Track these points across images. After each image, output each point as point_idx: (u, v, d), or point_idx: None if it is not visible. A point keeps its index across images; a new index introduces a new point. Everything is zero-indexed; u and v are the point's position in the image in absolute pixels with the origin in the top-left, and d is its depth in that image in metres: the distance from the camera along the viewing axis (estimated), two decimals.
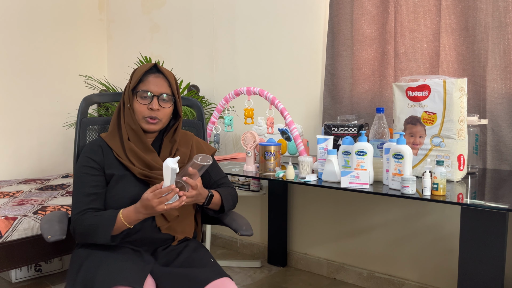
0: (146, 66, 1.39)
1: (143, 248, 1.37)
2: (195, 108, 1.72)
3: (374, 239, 2.37)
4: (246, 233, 1.43)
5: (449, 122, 1.60)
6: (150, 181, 1.36)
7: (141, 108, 1.36)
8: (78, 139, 1.54)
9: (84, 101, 1.57)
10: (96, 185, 1.34)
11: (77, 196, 1.33)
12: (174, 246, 1.41)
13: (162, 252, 1.38)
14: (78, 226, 1.30)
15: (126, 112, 1.39)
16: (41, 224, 1.38)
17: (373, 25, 2.24)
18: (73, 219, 1.32)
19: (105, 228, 1.25)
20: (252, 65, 2.82)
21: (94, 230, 1.26)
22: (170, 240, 1.41)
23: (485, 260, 1.26)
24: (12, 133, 3.23)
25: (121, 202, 1.33)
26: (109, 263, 1.24)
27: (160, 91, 1.37)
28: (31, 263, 2.04)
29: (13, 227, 1.94)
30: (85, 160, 1.37)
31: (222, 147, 2.98)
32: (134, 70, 1.41)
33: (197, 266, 1.31)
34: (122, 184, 1.35)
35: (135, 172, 1.35)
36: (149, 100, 1.36)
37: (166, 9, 3.29)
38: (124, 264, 1.24)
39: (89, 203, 1.32)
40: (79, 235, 1.31)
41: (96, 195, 1.33)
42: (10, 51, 3.19)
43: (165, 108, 1.38)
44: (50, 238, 1.28)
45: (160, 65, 1.41)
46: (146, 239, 1.36)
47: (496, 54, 1.91)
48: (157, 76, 1.39)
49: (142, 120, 1.37)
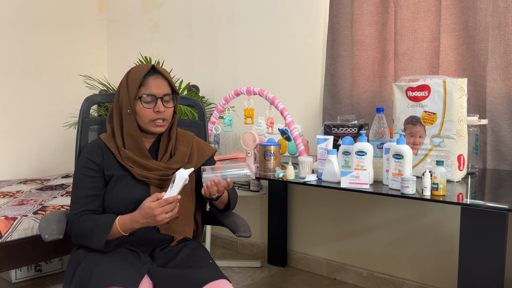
0: (144, 69, 1.36)
1: (140, 249, 1.36)
2: (197, 107, 1.71)
3: (374, 239, 2.37)
4: (244, 235, 1.43)
5: (449, 122, 1.60)
6: (149, 181, 1.36)
7: (146, 112, 1.35)
8: (80, 139, 1.54)
9: (86, 101, 1.57)
10: (94, 186, 1.34)
11: (75, 197, 1.34)
12: (172, 247, 1.39)
13: (160, 252, 1.37)
14: (75, 228, 1.30)
15: (126, 118, 1.36)
16: (39, 223, 1.38)
17: (373, 25, 2.24)
18: (70, 220, 1.33)
19: (100, 234, 1.25)
20: (252, 65, 2.82)
21: (89, 234, 1.27)
22: (169, 240, 1.40)
23: (485, 260, 1.26)
24: (12, 133, 3.23)
25: (120, 202, 1.33)
26: (105, 263, 1.23)
27: (163, 92, 1.36)
28: (31, 263, 2.04)
29: (13, 227, 1.94)
30: (84, 161, 1.37)
31: (222, 147, 2.98)
32: (129, 73, 1.38)
33: (194, 267, 1.29)
34: (121, 184, 1.35)
35: (134, 173, 1.35)
36: (153, 103, 1.35)
37: (166, 9, 3.29)
38: (120, 265, 1.23)
39: (86, 204, 1.32)
40: (74, 237, 1.32)
41: (94, 197, 1.33)
42: (10, 51, 3.19)
43: (169, 108, 1.38)
44: (47, 237, 1.28)
45: (156, 65, 1.40)
46: (144, 239, 1.36)
47: (496, 54, 1.91)
48: (157, 78, 1.37)
49: (149, 123, 1.36)
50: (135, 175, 1.35)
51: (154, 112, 1.35)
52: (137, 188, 1.35)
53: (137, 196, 1.33)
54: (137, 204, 1.28)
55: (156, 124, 1.37)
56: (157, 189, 1.36)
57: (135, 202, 1.30)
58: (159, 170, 1.37)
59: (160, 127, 1.37)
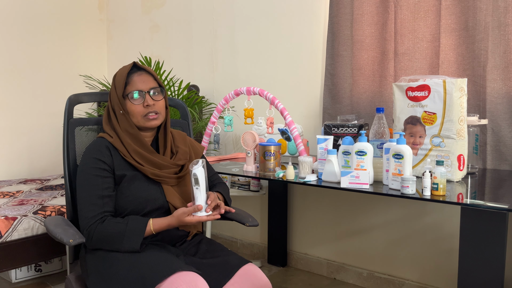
0: (127, 68, 1.41)
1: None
2: (180, 108, 1.75)
3: (374, 239, 2.37)
4: (253, 224, 1.50)
5: (449, 122, 1.60)
6: (162, 180, 1.39)
7: (137, 108, 1.37)
8: (67, 140, 1.50)
9: (69, 101, 1.52)
10: (108, 187, 1.34)
11: (89, 199, 1.31)
12: (189, 241, 1.47)
13: (180, 247, 1.44)
14: (98, 232, 1.28)
15: (120, 118, 1.39)
16: (52, 229, 1.33)
17: (373, 25, 2.24)
18: (87, 224, 1.29)
19: (134, 237, 1.27)
20: (252, 65, 2.82)
21: (121, 237, 1.27)
22: (185, 236, 1.47)
23: (485, 260, 1.26)
24: (12, 133, 3.23)
25: (136, 202, 1.34)
26: (152, 257, 1.26)
27: (149, 86, 1.39)
28: (31, 263, 2.04)
29: (13, 227, 1.94)
30: (94, 161, 1.34)
31: (222, 147, 2.98)
32: (115, 76, 1.41)
33: (221, 256, 1.37)
34: (135, 184, 1.36)
35: (146, 172, 1.37)
36: (141, 98, 1.37)
37: (166, 9, 3.29)
38: (167, 256, 1.28)
39: (103, 206, 1.31)
40: (97, 241, 1.29)
41: (109, 198, 1.33)
42: (10, 51, 3.19)
43: (159, 101, 1.40)
44: (72, 241, 1.24)
45: (138, 62, 1.43)
46: (166, 237, 1.40)
47: (496, 54, 1.91)
48: (141, 74, 1.40)
49: (142, 119, 1.38)
50: (148, 175, 1.37)
51: (144, 107, 1.37)
52: (150, 187, 1.38)
53: (152, 195, 1.37)
54: (152, 203, 1.35)
55: (149, 118, 1.38)
56: (168, 187, 1.41)
57: (150, 200, 1.36)
58: (168, 167, 1.41)
59: (153, 120, 1.39)
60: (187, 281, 1.16)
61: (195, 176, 1.27)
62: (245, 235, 2.96)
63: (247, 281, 1.30)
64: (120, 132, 1.39)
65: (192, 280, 1.17)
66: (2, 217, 1.96)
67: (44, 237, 2.04)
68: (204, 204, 1.30)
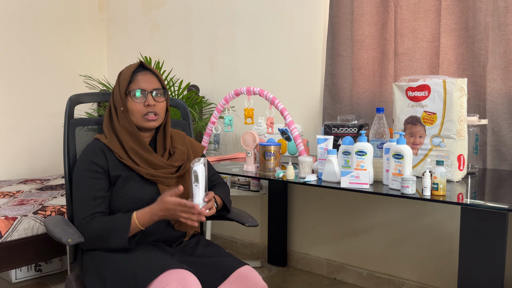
0: (133, 66, 1.41)
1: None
2: (180, 108, 1.74)
3: (374, 239, 2.37)
4: (253, 224, 1.50)
5: (449, 122, 1.60)
6: (157, 180, 1.39)
7: (137, 107, 1.37)
8: (68, 141, 1.50)
9: (69, 101, 1.51)
10: (101, 188, 1.34)
11: (82, 200, 1.32)
12: (187, 242, 1.46)
13: (177, 247, 1.43)
14: (88, 231, 1.29)
15: (120, 116, 1.39)
16: (52, 229, 1.33)
17: (373, 25, 2.24)
18: (79, 224, 1.30)
19: (121, 232, 1.26)
20: (252, 65, 2.82)
21: (108, 235, 1.27)
22: (182, 236, 1.46)
23: (485, 260, 1.26)
24: (12, 133, 3.23)
25: (131, 202, 1.34)
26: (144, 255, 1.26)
27: (152, 87, 1.39)
28: (31, 263, 2.04)
29: (13, 227, 1.94)
30: (88, 164, 1.35)
31: (222, 147, 2.98)
32: (120, 73, 1.42)
33: (218, 256, 1.37)
34: (130, 184, 1.36)
35: (141, 172, 1.37)
36: (143, 97, 1.37)
37: (166, 9, 3.29)
38: (160, 254, 1.27)
39: (95, 206, 1.32)
40: (88, 241, 1.29)
41: (102, 199, 1.33)
42: (10, 51, 3.19)
43: (160, 102, 1.40)
44: (71, 241, 1.25)
45: (145, 62, 1.43)
46: (161, 238, 1.40)
47: (496, 54, 1.91)
48: (145, 73, 1.41)
49: (141, 119, 1.38)
50: (143, 175, 1.37)
51: (145, 107, 1.37)
52: (145, 187, 1.37)
53: (147, 195, 1.36)
54: (147, 203, 1.31)
55: (148, 119, 1.38)
56: (164, 187, 1.39)
57: (145, 200, 1.34)
58: (164, 167, 1.40)
59: (152, 121, 1.39)
60: (177, 278, 1.16)
61: (195, 173, 1.27)
62: (245, 235, 2.96)
63: (242, 283, 1.29)
64: (119, 130, 1.39)
65: (182, 277, 1.17)
66: (2, 217, 1.96)
67: (44, 237, 2.04)
68: (201, 202, 1.29)
